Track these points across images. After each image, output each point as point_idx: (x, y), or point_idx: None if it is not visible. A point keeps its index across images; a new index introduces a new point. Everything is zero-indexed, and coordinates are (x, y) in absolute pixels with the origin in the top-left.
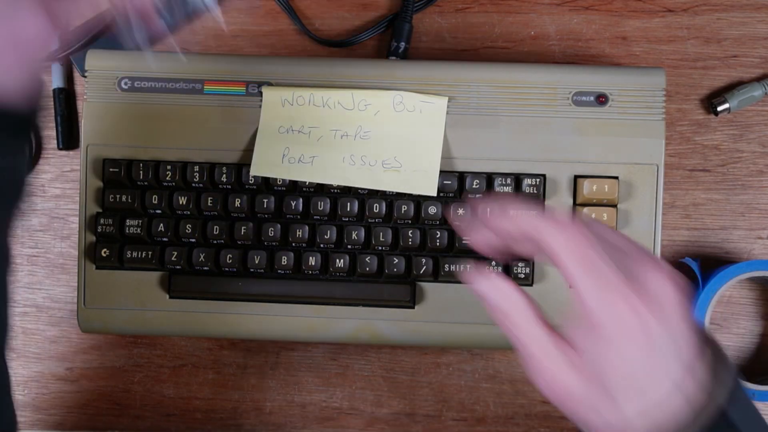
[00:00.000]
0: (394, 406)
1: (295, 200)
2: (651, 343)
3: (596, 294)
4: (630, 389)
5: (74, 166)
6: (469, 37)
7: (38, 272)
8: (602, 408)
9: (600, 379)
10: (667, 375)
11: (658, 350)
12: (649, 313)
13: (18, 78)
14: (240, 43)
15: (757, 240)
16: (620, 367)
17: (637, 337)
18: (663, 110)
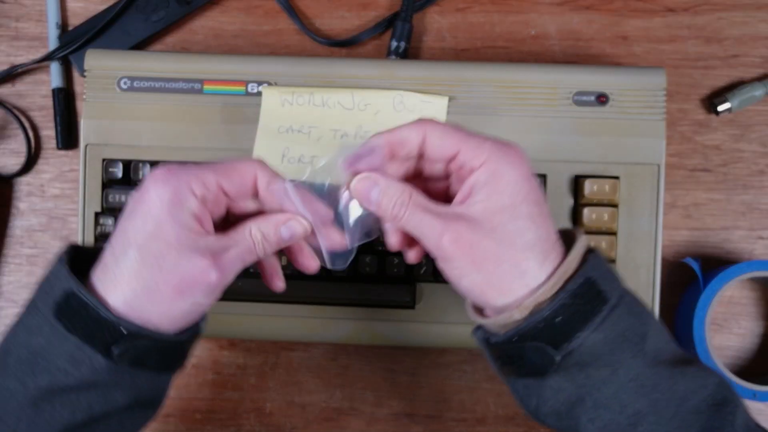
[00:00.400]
0: (394, 406)
1: None
2: (534, 180)
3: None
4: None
5: (74, 166)
6: (469, 37)
7: (38, 272)
8: (507, 256)
9: (502, 226)
10: (551, 221)
11: (539, 189)
12: (522, 151)
13: (180, 319)
14: (240, 43)
15: (758, 240)
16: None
17: (527, 169)
18: (664, 110)
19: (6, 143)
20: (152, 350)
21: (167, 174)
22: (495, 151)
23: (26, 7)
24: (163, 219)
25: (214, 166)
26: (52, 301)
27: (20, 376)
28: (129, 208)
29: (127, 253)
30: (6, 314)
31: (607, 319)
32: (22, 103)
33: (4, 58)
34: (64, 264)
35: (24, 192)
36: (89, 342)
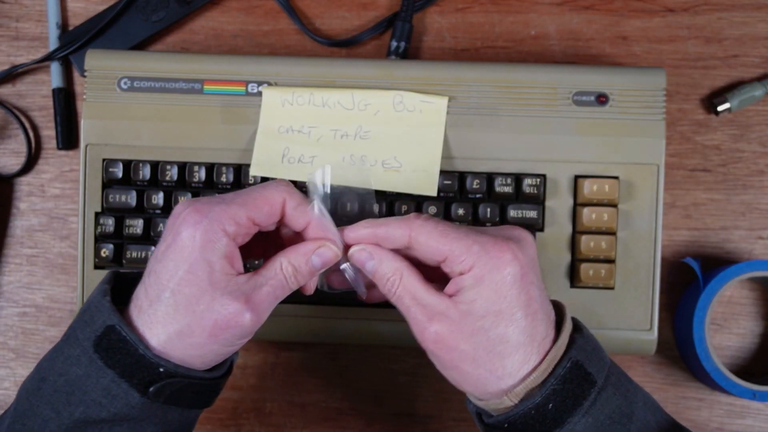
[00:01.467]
0: (394, 406)
1: None
2: (525, 282)
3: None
4: (509, 345)
5: (74, 166)
6: (469, 37)
7: (38, 272)
8: (484, 362)
9: (484, 332)
10: (541, 320)
11: (532, 291)
12: (519, 251)
13: (214, 360)
14: (240, 43)
15: (758, 240)
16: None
17: (514, 275)
18: (663, 110)
19: (6, 143)
20: (187, 389)
21: (198, 215)
22: (482, 255)
23: (26, 7)
24: (195, 263)
25: (243, 199)
26: (92, 333)
27: (55, 404)
28: (161, 249)
29: (161, 298)
30: (6, 314)
31: (596, 403)
32: (23, 103)
33: (4, 58)
34: (106, 296)
35: (24, 192)
36: (126, 378)
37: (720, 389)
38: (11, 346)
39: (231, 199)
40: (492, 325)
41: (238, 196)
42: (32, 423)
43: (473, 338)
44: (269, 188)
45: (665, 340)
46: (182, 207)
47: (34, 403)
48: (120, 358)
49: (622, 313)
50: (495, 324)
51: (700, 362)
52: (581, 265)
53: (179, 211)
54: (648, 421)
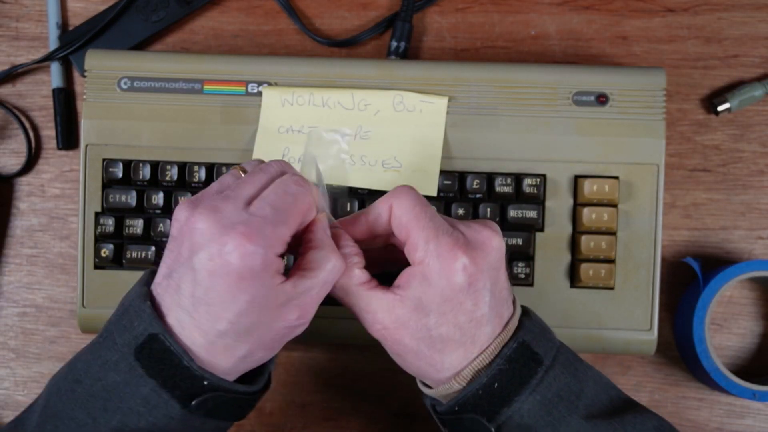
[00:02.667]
0: (394, 406)
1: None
2: (474, 289)
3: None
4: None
5: (74, 166)
6: (469, 37)
7: (38, 272)
8: (425, 356)
9: (426, 330)
10: (488, 322)
11: (480, 298)
12: (471, 263)
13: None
14: (240, 43)
15: (758, 240)
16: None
17: (461, 284)
18: (663, 110)
19: (6, 143)
20: (229, 402)
21: (251, 245)
22: (435, 257)
23: (26, 7)
24: (254, 294)
25: (283, 216)
26: (133, 339)
27: (91, 410)
28: (202, 274)
29: (216, 328)
30: (6, 314)
31: (543, 381)
32: (23, 103)
33: (4, 58)
34: (146, 301)
35: (24, 192)
36: (168, 388)
37: (720, 389)
38: (11, 346)
39: (272, 217)
40: (435, 325)
41: (278, 210)
42: (65, 426)
43: (416, 334)
44: (301, 200)
45: (665, 340)
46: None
47: (68, 406)
48: (162, 368)
49: (622, 313)
50: (438, 324)
51: (700, 362)
52: (581, 265)
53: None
54: (599, 397)
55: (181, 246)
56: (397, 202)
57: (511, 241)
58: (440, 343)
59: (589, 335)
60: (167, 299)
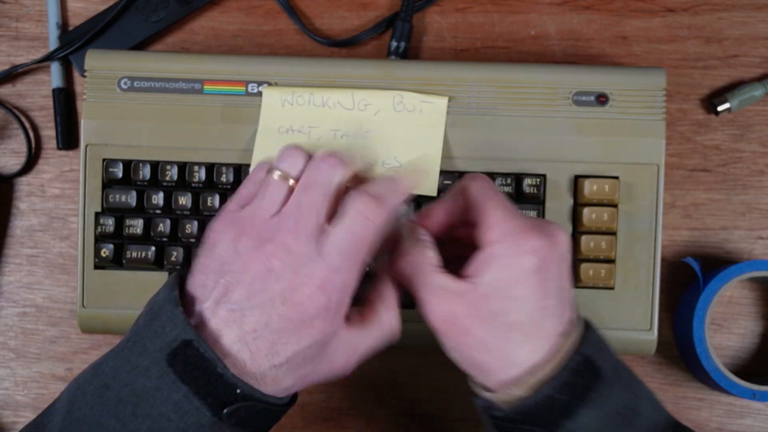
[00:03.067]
0: (394, 406)
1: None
2: (544, 276)
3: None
4: (522, 330)
5: (74, 166)
6: (469, 37)
7: (38, 272)
8: (494, 348)
9: (499, 317)
10: (553, 314)
11: (549, 286)
12: (543, 246)
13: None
14: (240, 43)
15: (758, 240)
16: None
17: (533, 267)
18: (663, 110)
19: (6, 143)
20: (259, 413)
21: (326, 298)
22: (510, 236)
23: (26, 7)
24: (319, 338)
25: (355, 265)
26: (165, 345)
27: (120, 415)
28: (274, 317)
29: (274, 363)
30: (6, 314)
31: (604, 396)
32: (23, 103)
33: (4, 58)
34: (179, 307)
35: (24, 192)
36: (200, 396)
37: (720, 389)
38: (11, 346)
39: (344, 265)
40: (506, 311)
41: (348, 257)
42: (92, 431)
43: (488, 322)
44: (370, 239)
45: (665, 340)
46: (285, 269)
47: (95, 411)
48: (196, 374)
49: (622, 313)
50: (509, 310)
51: (700, 362)
52: (581, 265)
53: (283, 273)
54: (654, 418)
55: (245, 280)
56: (473, 183)
57: None
58: (510, 332)
59: None
60: (225, 330)
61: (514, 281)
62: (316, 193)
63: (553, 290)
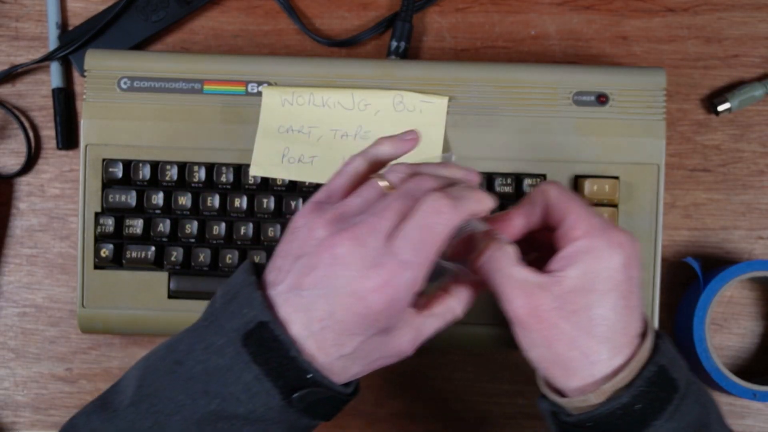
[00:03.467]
0: (394, 406)
1: (295, 200)
2: (629, 273)
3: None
4: (608, 333)
5: (74, 166)
6: (469, 37)
7: (38, 272)
8: (580, 343)
9: (587, 310)
10: (637, 316)
11: (633, 284)
12: (628, 243)
13: (359, 376)
14: (240, 43)
15: (758, 240)
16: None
17: (621, 262)
18: (664, 110)
19: (6, 143)
20: (326, 401)
21: (392, 289)
22: (600, 230)
23: (26, 7)
24: (387, 325)
25: (425, 259)
26: (242, 326)
27: (191, 392)
28: (340, 301)
29: (341, 351)
30: (6, 314)
31: (679, 408)
32: (22, 103)
33: (4, 58)
34: (258, 290)
35: (24, 192)
36: (271, 377)
37: (720, 389)
38: (11, 346)
39: (414, 260)
40: (596, 304)
41: (419, 251)
42: (163, 405)
43: (574, 316)
44: (441, 231)
45: None
46: (357, 260)
47: (166, 386)
48: (269, 356)
49: None
50: (599, 303)
51: (700, 362)
52: None
53: (353, 264)
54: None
55: (317, 267)
56: (552, 187)
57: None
58: (599, 326)
59: None
60: (294, 317)
61: (601, 275)
62: (402, 200)
63: (635, 289)
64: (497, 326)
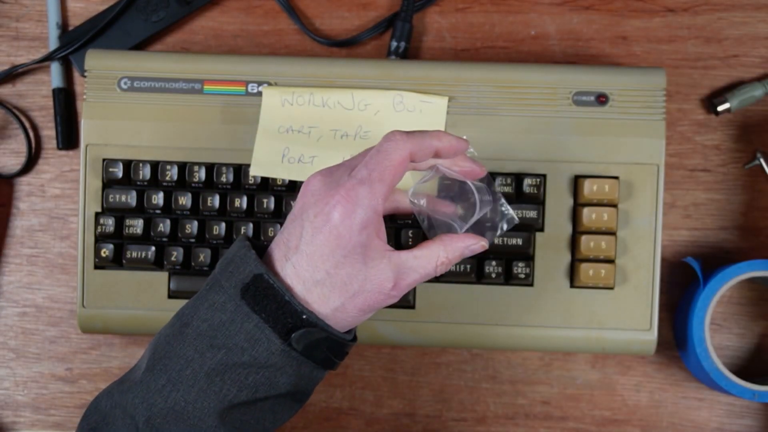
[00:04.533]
0: (394, 406)
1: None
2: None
3: None
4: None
5: (74, 166)
6: (469, 37)
7: (38, 272)
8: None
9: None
10: None
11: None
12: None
13: (345, 326)
14: (240, 43)
15: (758, 240)
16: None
17: None
18: (663, 110)
19: (6, 143)
20: (323, 343)
21: (350, 204)
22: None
23: (26, 7)
24: (352, 249)
25: (380, 173)
26: (239, 281)
27: (198, 347)
28: (308, 231)
29: (315, 278)
30: (6, 314)
31: None
32: (23, 103)
33: (4, 58)
34: (251, 250)
35: (24, 192)
36: (270, 323)
37: (720, 389)
38: (11, 346)
39: (368, 176)
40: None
41: (373, 170)
42: (174, 363)
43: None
44: (391, 156)
45: (665, 340)
46: (323, 188)
47: (175, 346)
48: (266, 303)
49: (622, 313)
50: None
51: (700, 362)
52: (581, 265)
53: (319, 191)
54: None
55: (297, 204)
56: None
57: (511, 241)
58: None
59: (589, 335)
60: (277, 252)
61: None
62: (377, 151)
63: None
64: (497, 326)
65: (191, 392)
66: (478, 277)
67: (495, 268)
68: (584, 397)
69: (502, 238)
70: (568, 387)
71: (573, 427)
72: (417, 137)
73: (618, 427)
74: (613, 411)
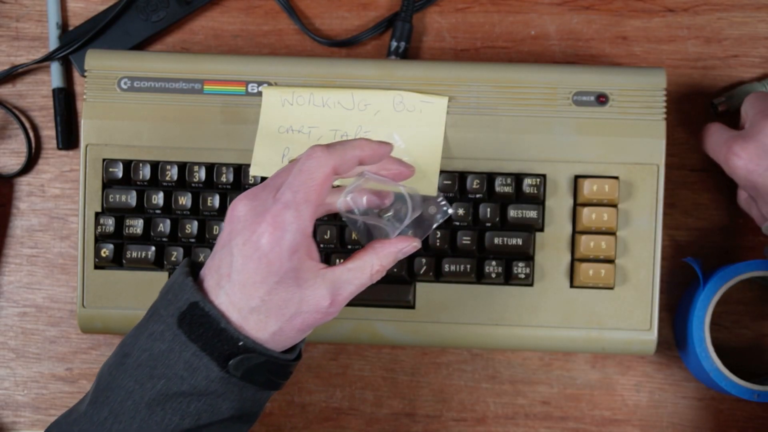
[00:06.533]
0: (394, 406)
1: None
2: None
3: None
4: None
5: (74, 166)
6: (469, 37)
7: (38, 272)
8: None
9: None
10: None
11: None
12: None
13: (285, 346)
14: (240, 43)
15: (758, 240)
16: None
17: None
18: (664, 110)
19: (6, 143)
20: (263, 366)
21: (278, 230)
22: None
23: (26, 7)
24: (284, 274)
25: (305, 195)
26: (176, 310)
27: (139, 377)
28: (238, 261)
29: (250, 305)
30: (6, 314)
31: None
32: (23, 103)
33: (4, 58)
34: (188, 276)
35: (24, 192)
36: (207, 351)
37: (720, 389)
38: (11, 346)
39: (293, 199)
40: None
41: (297, 191)
42: (115, 395)
43: None
44: (314, 175)
45: (665, 340)
46: (249, 213)
47: (116, 377)
48: (202, 332)
49: (622, 313)
50: None
51: (700, 362)
52: (581, 265)
53: (245, 218)
54: None
55: (225, 230)
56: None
57: (511, 241)
58: None
59: (588, 335)
60: (209, 279)
61: None
62: (296, 161)
63: None
64: (497, 326)
65: (133, 424)
66: (478, 277)
67: (495, 268)
68: (584, 397)
69: (502, 238)
70: (568, 387)
71: (573, 427)
72: (338, 150)
73: (618, 427)
74: (613, 411)
